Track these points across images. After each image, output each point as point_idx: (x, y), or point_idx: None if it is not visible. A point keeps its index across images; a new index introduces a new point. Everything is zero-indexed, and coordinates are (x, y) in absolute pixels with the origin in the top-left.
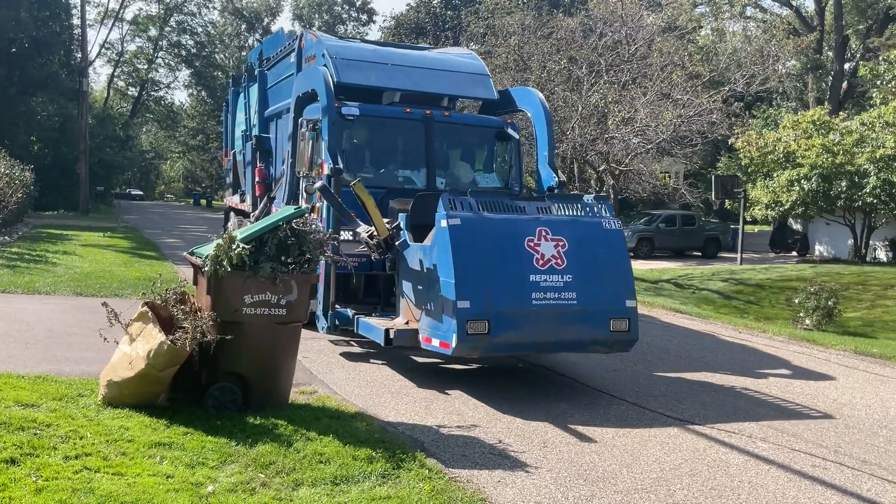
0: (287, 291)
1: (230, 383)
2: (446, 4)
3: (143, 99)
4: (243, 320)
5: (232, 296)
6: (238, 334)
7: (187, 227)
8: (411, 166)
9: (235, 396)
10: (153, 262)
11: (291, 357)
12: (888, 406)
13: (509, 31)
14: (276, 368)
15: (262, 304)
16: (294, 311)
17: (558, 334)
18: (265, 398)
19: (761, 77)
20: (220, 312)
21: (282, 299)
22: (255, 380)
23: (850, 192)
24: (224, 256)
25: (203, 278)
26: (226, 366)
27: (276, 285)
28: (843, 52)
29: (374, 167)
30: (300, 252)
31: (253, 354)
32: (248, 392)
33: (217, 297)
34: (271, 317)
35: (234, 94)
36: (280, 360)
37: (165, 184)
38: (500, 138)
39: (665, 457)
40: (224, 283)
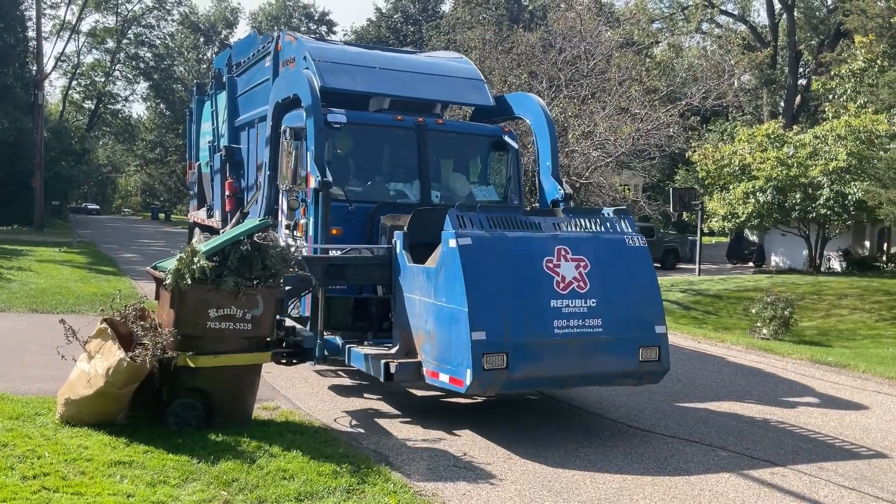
0: (252, 306)
1: (193, 399)
2: (407, 19)
3: (100, 112)
4: (209, 335)
5: (196, 310)
6: (201, 350)
7: (146, 242)
8: (403, 178)
9: (198, 413)
10: (111, 278)
11: (256, 373)
12: (843, 414)
13: (470, 45)
14: (241, 384)
15: (226, 319)
16: (259, 326)
17: (584, 367)
18: (229, 415)
19: (717, 91)
20: (184, 327)
21: (247, 314)
22: (218, 396)
23: (804, 203)
24: (186, 270)
25: (166, 293)
26: (189, 382)
27: (240, 299)
28: (797, 67)
29: (363, 180)
30: (263, 266)
31: (217, 370)
32: (212, 409)
33: (180, 312)
34: (236, 331)
35: (199, 102)
36: (244, 376)
37: (122, 198)
38: (497, 148)
39: (628, 465)
40: (187, 297)
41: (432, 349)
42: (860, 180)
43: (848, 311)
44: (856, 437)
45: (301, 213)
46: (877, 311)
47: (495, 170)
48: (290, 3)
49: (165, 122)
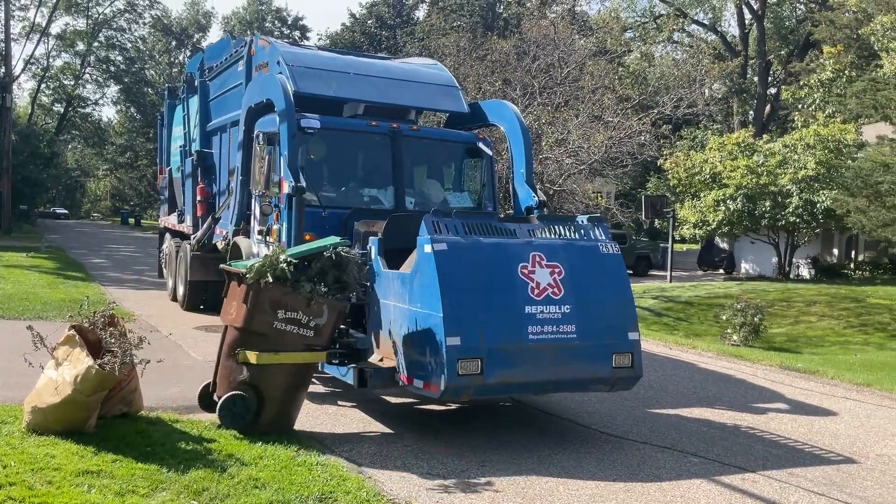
0: (318, 314)
1: (246, 394)
2: (381, 25)
3: (70, 115)
4: (274, 335)
5: (267, 308)
6: (263, 347)
7: (115, 247)
8: (377, 184)
9: (250, 409)
10: (79, 284)
11: (306, 384)
12: (813, 420)
13: (445, 52)
14: (294, 390)
15: (292, 322)
16: (320, 335)
17: (558, 373)
18: (275, 419)
19: (688, 100)
20: (254, 323)
21: (311, 321)
22: (270, 396)
23: (773, 211)
24: (269, 268)
25: (238, 289)
26: (245, 378)
27: (311, 306)
28: (767, 77)
29: (337, 185)
30: (336, 279)
31: (272, 370)
32: (262, 409)
33: (253, 308)
34: (300, 336)
35: (171, 106)
36: (298, 383)
37: (92, 202)
38: (471, 154)
39: (600, 472)
40: (263, 294)
41: (407, 355)
42: (829, 189)
43: (816, 318)
44: (825, 442)
45: (274, 219)
46: (845, 318)
47: (470, 176)
48: (264, 7)
49: (136, 125)
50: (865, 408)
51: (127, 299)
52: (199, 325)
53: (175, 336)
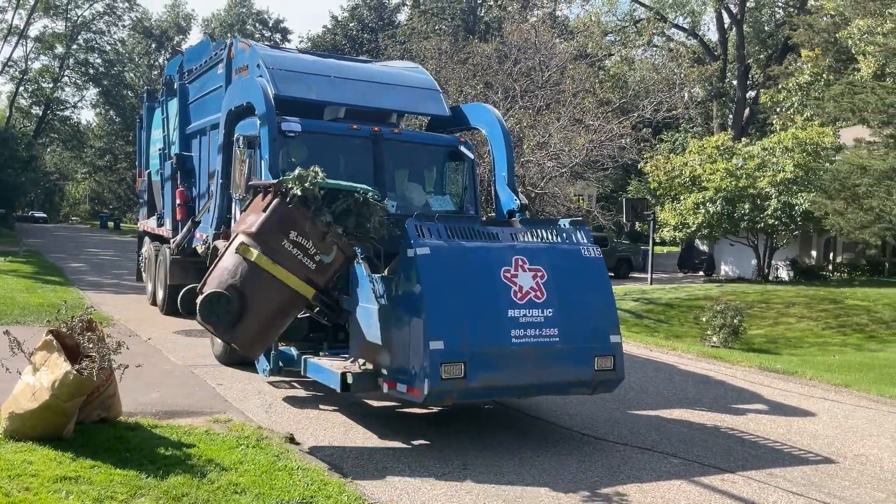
0: (326, 251)
1: (230, 295)
2: (363, 28)
3: (48, 118)
4: (279, 252)
5: (282, 222)
6: (266, 253)
7: (94, 251)
8: None
9: (231, 310)
10: (57, 288)
11: (286, 319)
12: (791, 421)
13: (426, 55)
14: (275, 316)
15: (300, 247)
16: (320, 273)
17: (540, 376)
18: (250, 338)
19: (668, 104)
20: (266, 234)
21: (318, 255)
22: (255, 308)
23: (752, 214)
24: (304, 182)
25: (263, 201)
26: (238, 282)
27: (324, 241)
28: (746, 80)
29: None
30: (356, 225)
31: (262, 283)
32: (242, 318)
33: (271, 217)
34: (302, 265)
35: (150, 109)
36: (281, 310)
37: (71, 206)
38: (453, 158)
39: (581, 474)
40: (284, 209)
41: (389, 359)
42: (807, 191)
43: (795, 320)
44: (803, 443)
45: None
46: (823, 320)
47: (451, 180)
48: (244, 9)
49: (115, 128)
50: (843, 408)
51: (106, 304)
52: (179, 330)
53: (154, 341)
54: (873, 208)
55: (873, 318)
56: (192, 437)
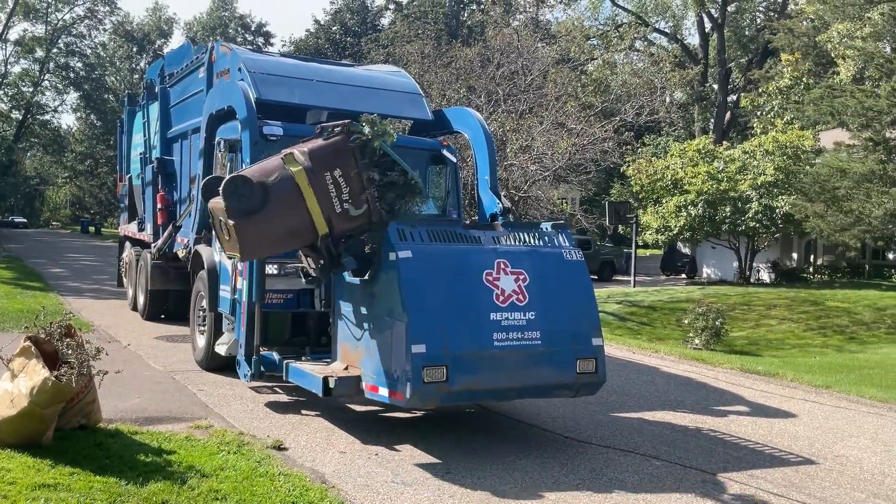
0: (356, 204)
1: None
2: (346, 31)
3: (28, 122)
4: (316, 181)
5: (333, 159)
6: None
7: (75, 256)
8: None
9: (254, 194)
10: (37, 294)
11: (295, 238)
12: (773, 422)
13: (409, 59)
14: (278, 229)
15: (337, 188)
16: (340, 220)
17: (523, 379)
18: (257, 236)
19: (650, 108)
20: (316, 158)
21: (347, 202)
22: (270, 210)
23: (733, 217)
24: (375, 131)
25: (322, 141)
26: (268, 179)
27: (360, 196)
28: (727, 84)
29: None
30: (392, 200)
31: (289, 196)
32: (258, 210)
33: (328, 148)
34: (331, 201)
35: (131, 113)
36: (292, 227)
37: (51, 211)
38: (435, 161)
39: (564, 477)
40: (344, 147)
41: (371, 363)
42: (787, 194)
43: (776, 321)
44: (784, 444)
45: None
46: (804, 321)
47: (434, 183)
48: (227, 13)
49: (96, 133)
50: (824, 409)
51: (86, 309)
52: (160, 335)
53: (134, 346)
54: (853, 211)
55: (853, 319)
56: (172, 443)
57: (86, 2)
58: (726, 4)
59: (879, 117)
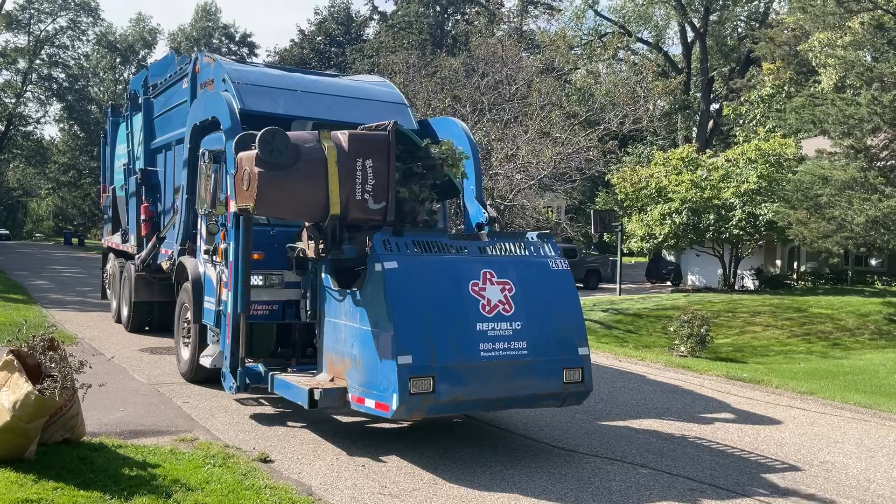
0: (377, 199)
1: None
2: (331, 41)
3: (11, 134)
4: (348, 164)
5: (369, 148)
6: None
7: (58, 269)
8: None
9: (289, 150)
10: (20, 306)
11: (294, 207)
12: (758, 429)
13: (394, 69)
14: (295, 195)
15: (363, 176)
16: (355, 208)
17: (510, 389)
18: (268, 183)
19: (633, 116)
20: (352, 143)
21: (367, 194)
22: (300, 170)
23: (717, 224)
24: (457, 159)
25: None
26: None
27: (383, 191)
28: (709, 93)
29: None
30: (417, 191)
31: (311, 173)
32: (288, 164)
33: (366, 138)
34: (351, 187)
35: (114, 124)
36: (303, 199)
37: (34, 222)
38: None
39: (551, 487)
40: (384, 143)
41: (358, 374)
42: (770, 202)
43: (761, 328)
44: (770, 451)
45: (221, 238)
46: (788, 328)
47: None
48: (210, 24)
49: (79, 144)
50: (809, 416)
51: (69, 321)
52: (144, 347)
53: (118, 359)
54: (835, 218)
55: (837, 325)
56: (157, 456)
57: (69, 13)
58: (708, 14)
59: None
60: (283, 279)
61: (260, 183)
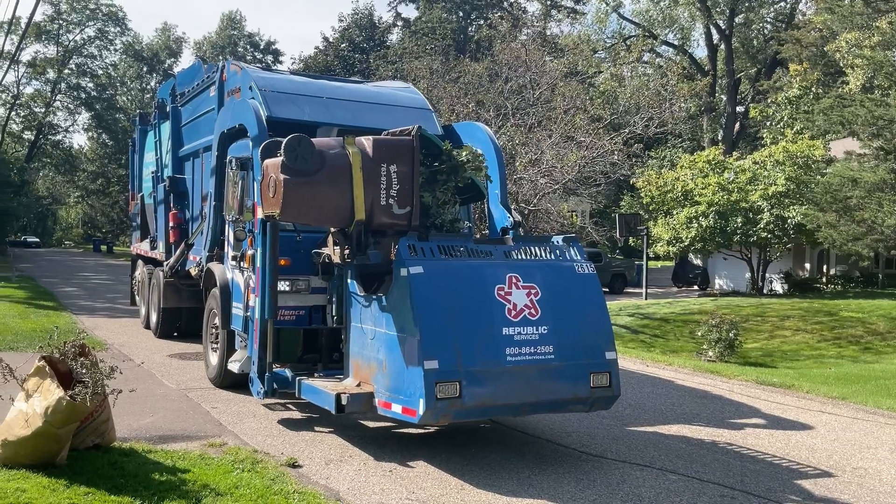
0: (401, 204)
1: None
2: (355, 48)
3: (41, 143)
4: (373, 169)
5: (394, 153)
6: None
7: (87, 275)
8: None
9: (314, 160)
10: (50, 313)
11: (319, 212)
12: (789, 435)
13: (418, 75)
14: (320, 199)
15: (387, 182)
16: (380, 213)
17: (536, 394)
18: (294, 189)
19: (658, 119)
20: (376, 148)
21: (392, 199)
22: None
23: (745, 227)
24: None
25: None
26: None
27: (407, 196)
28: (735, 95)
29: None
30: (453, 180)
31: (335, 179)
32: (313, 172)
33: (390, 143)
34: (376, 192)
35: (142, 132)
36: (327, 204)
37: (63, 230)
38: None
39: (580, 493)
40: (409, 146)
41: (384, 379)
42: (799, 204)
43: (791, 332)
44: (802, 457)
45: (248, 244)
46: (818, 332)
47: None
48: (236, 32)
49: (108, 152)
50: (841, 421)
51: (99, 328)
52: (173, 353)
53: (148, 365)
54: (865, 220)
55: (868, 329)
56: (186, 461)
57: (96, 23)
58: (734, 16)
59: (890, 126)
60: (310, 284)
61: (285, 189)
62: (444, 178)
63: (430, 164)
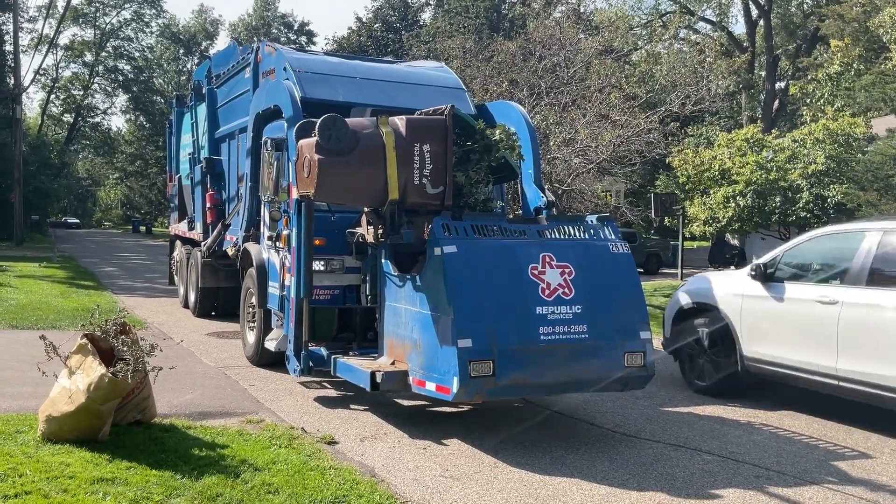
0: (434, 183)
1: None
2: (388, 28)
3: (79, 125)
4: (406, 148)
5: (428, 133)
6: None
7: (126, 256)
8: None
9: (349, 138)
10: (91, 293)
11: (353, 193)
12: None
13: (451, 54)
14: (353, 178)
15: (421, 161)
16: (413, 193)
17: (570, 373)
18: (328, 169)
19: (695, 97)
20: (409, 127)
21: (426, 179)
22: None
23: (784, 207)
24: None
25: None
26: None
27: (441, 175)
28: (774, 72)
29: None
30: (486, 160)
31: (368, 158)
32: (347, 151)
33: (423, 122)
34: (409, 171)
35: (179, 114)
36: (360, 183)
37: (103, 211)
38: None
39: (613, 472)
40: (441, 125)
41: (418, 358)
42: (839, 183)
43: None
44: (839, 438)
45: (283, 224)
46: None
47: None
48: (270, 13)
49: (145, 134)
50: None
51: (139, 307)
52: (211, 332)
53: (187, 343)
54: None
55: None
56: (225, 437)
57: (133, 5)
58: None
59: None
60: (344, 264)
61: (320, 170)
62: (478, 158)
63: (464, 144)
